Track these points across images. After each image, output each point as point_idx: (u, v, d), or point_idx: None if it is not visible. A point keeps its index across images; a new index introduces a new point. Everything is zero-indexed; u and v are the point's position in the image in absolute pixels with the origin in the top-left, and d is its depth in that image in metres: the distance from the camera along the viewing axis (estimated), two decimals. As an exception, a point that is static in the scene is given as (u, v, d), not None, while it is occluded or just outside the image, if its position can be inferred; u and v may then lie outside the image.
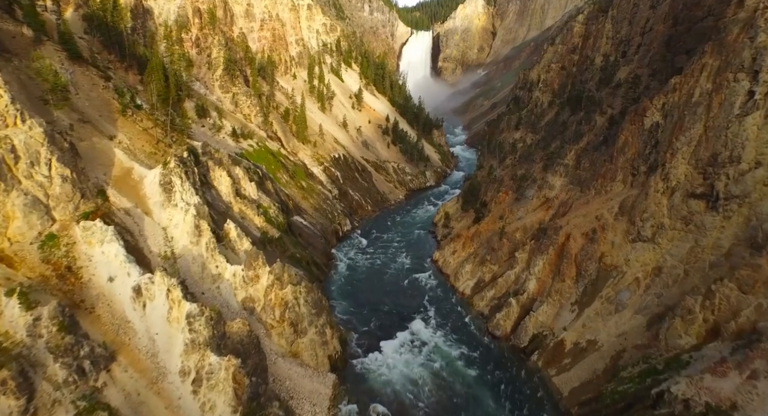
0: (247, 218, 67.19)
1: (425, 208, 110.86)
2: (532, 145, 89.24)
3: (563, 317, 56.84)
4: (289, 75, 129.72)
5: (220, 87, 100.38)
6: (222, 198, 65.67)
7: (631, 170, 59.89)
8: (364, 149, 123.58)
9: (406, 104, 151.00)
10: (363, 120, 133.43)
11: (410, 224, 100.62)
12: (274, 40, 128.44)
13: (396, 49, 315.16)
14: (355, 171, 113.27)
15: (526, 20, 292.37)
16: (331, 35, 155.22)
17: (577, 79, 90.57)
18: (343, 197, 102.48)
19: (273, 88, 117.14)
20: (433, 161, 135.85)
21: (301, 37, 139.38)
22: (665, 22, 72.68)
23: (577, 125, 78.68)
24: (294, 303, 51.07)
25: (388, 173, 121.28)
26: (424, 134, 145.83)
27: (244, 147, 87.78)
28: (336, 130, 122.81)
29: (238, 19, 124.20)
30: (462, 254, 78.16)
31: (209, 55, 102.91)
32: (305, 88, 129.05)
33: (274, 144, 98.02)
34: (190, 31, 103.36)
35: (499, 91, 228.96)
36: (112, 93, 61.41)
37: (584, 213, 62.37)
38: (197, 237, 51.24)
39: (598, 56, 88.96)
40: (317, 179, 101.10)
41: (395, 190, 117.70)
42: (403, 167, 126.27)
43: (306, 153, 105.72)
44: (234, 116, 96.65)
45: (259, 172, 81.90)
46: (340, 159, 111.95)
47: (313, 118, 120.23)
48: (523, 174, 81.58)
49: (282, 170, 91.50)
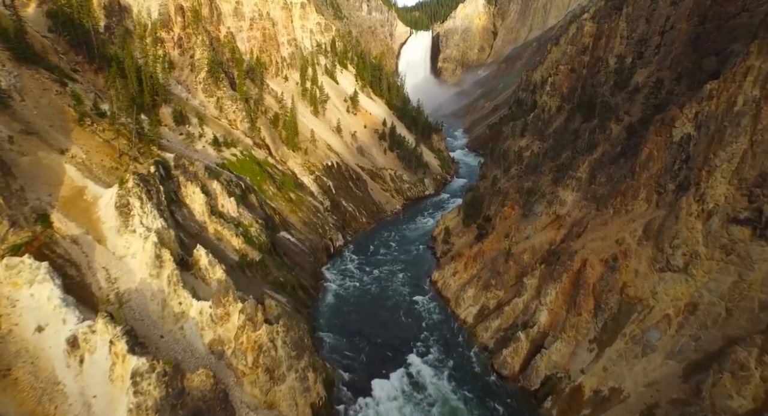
0: (224, 239, 59.91)
1: (424, 219, 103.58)
2: (539, 154, 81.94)
3: (580, 357, 49.56)
4: (280, 77, 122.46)
5: (204, 91, 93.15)
6: (195, 218, 58.44)
7: (656, 187, 52.59)
8: (359, 156, 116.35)
9: (404, 107, 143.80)
10: (358, 125, 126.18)
11: (407, 238, 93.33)
12: (265, 40, 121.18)
13: (395, 50, 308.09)
14: (349, 180, 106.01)
15: (527, 20, 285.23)
16: (326, 35, 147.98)
17: (588, 83, 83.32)
18: (336, 209, 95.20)
19: (262, 91, 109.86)
20: (432, 167, 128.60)
21: (294, 37, 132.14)
22: (689, 20, 65.36)
23: (590, 133, 71.37)
24: (270, 346, 43.80)
25: (384, 182, 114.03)
26: (422, 138, 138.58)
27: (226, 157, 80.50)
28: (329, 135, 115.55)
29: (226, 18, 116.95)
30: (464, 276, 70.90)
31: (192, 57, 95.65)
32: (297, 91, 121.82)
33: (261, 152, 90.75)
34: (172, 30, 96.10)
35: (500, 92, 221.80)
36: (68, 99, 54.11)
37: (602, 236, 55.06)
38: (158, 269, 44.00)
39: (611, 57, 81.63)
40: (307, 189, 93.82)
41: (392, 199, 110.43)
42: (401, 174, 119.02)
43: (296, 161, 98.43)
44: (218, 123, 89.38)
45: (242, 185, 74.69)
46: (333, 167, 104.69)
47: (305, 123, 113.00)
48: (530, 187, 74.28)
49: (269, 181, 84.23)
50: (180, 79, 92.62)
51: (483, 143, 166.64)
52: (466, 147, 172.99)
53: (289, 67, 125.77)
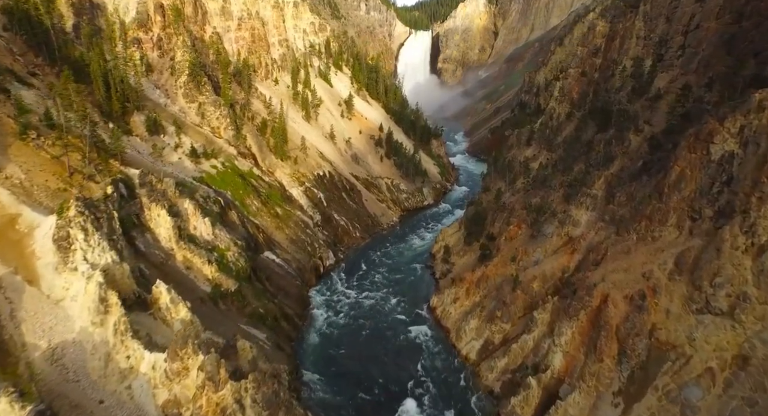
0: (194, 267, 52.55)
1: (422, 233, 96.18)
2: (548, 166, 74.56)
3: (603, 412, 42.20)
4: (270, 80, 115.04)
5: (185, 96, 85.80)
6: (160, 244, 51.09)
7: (689, 212, 45.20)
8: (354, 164, 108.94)
9: (402, 111, 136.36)
10: (353, 130, 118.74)
11: (404, 255, 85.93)
12: (254, 41, 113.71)
13: (394, 50, 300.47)
14: (342, 191, 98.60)
15: (529, 19, 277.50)
16: (320, 35, 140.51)
17: (600, 88, 75.90)
18: (327, 224, 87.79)
19: (250, 95, 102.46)
20: (431, 175, 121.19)
21: (285, 38, 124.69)
22: (719, 18, 57.92)
23: (605, 144, 63.95)
24: (236, 409, 36.48)
25: (380, 192, 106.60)
26: (421, 144, 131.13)
27: (205, 169, 73.12)
28: (322, 142, 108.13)
29: (212, 18, 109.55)
30: (465, 303, 63.53)
31: (173, 59, 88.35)
32: (288, 94, 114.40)
33: (245, 163, 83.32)
34: (151, 30, 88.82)
35: (502, 94, 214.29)
36: (9, 109, 46.78)
37: (625, 267, 47.68)
38: (102, 315, 36.65)
39: (626, 60, 74.17)
40: (296, 203, 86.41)
41: (388, 211, 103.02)
42: (398, 183, 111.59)
43: (284, 172, 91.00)
44: (199, 131, 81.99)
45: (221, 201, 67.33)
46: (324, 177, 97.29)
47: (296, 129, 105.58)
48: (538, 204, 66.88)
49: (253, 195, 76.86)
50: (158, 84, 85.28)
51: (484, 148, 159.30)
52: (467, 152, 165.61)
53: (280, 69, 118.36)
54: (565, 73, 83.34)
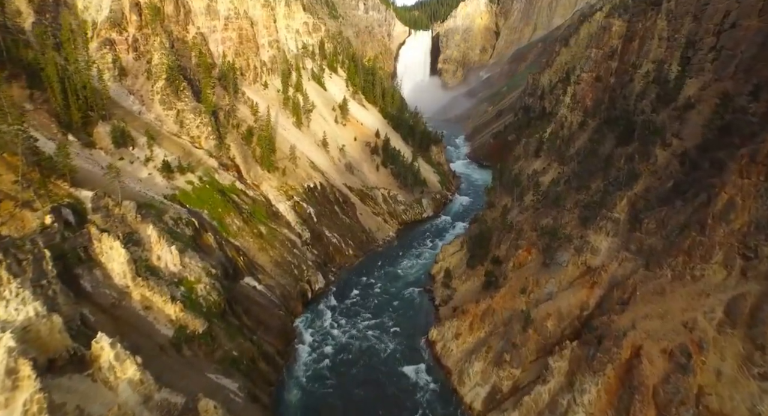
0: (155, 307, 44.84)
1: (421, 250, 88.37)
2: (559, 181, 66.78)
3: None
4: (258, 84, 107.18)
5: (162, 102, 78.08)
6: (113, 282, 43.36)
7: (741, 249, 37.44)
8: (348, 174, 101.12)
9: (400, 116, 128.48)
10: (348, 137, 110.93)
11: (401, 276, 78.15)
12: (242, 42, 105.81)
13: (393, 50, 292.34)
14: (335, 204, 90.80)
15: (531, 19, 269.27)
16: (314, 36, 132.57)
17: (618, 94, 68.02)
18: (317, 242, 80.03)
19: (236, 101, 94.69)
20: (431, 184, 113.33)
21: (276, 39, 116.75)
22: (762, 15, 50.06)
23: (627, 160, 56.12)
24: None
25: (376, 204, 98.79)
26: (420, 150, 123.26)
27: (179, 186, 65.38)
28: (313, 151, 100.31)
29: (196, 17, 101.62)
30: (469, 340, 55.79)
31: (149, 62, 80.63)
32: (278, 99, 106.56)
33: (227, 176, 75.51)
34: (126, 30, 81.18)
35: (504, 96, 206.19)
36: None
37: (660, 312, 39.88)
38: (9, 392, 28.93)
39: (646, 63, 66.27)
40: (283, 219, 78.66)
41: (384, 225, 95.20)
42: (395, 194, 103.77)
43: (271, 184, 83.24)
44: (175, 141, 74.21)
45: (195, 222, 59.59)
46: (315, 189, 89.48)
47: (286, 136, 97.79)
48: (551, 226, 59.08)
49: (233, 213, 69.10)
50: (132, 89, 77.55)
51: (487, 154, 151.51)
52: (468, 157, 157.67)
53: (270, 72, 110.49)
54: (577, 78, 75.51)
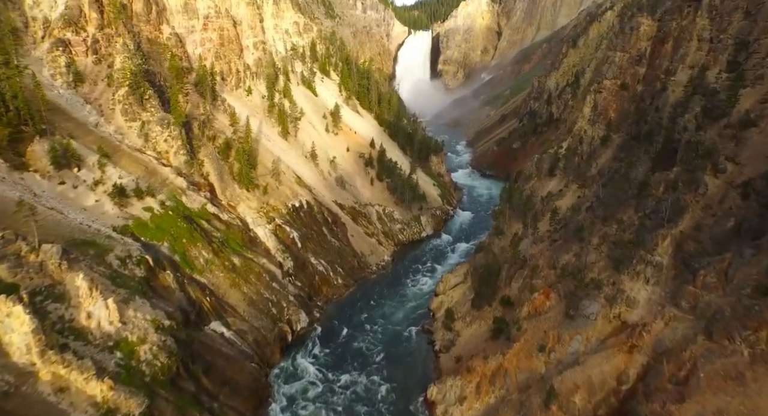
0: (72, 389, 34.90)
1: (419, 278, 78.57)
2: (580, 207, 56.82)
3: None
4: (241, 90, 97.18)
5: (124, 112, 68.17)
6: (11, 360, 33.43)
7: None
8: (339, 190, 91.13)
9: (397, 123, 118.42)
10: (340, 147, 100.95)
11: (396, 312, 68.35)
12: (223, 43, 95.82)
13: (392, 51, 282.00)
14: (323, 225, 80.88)
15: (535, 19, 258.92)
16: (305, 37, 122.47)
17: (648, 106, 58.11)
18: (301, 272, 70.22)
19: (214, 109, 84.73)
20: (430, 198, 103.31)
21: (263, 40, 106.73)
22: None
23: (667, 187, 46.18)
24: None
25: (370, 223, 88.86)
26: (419, 161, 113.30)
27: (135, 213, 55.43)
28: (301, 164, 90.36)
29: (172, 16, 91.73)
30: (475, 406, 45.94)
31: (111, 66, 70.75)
32: (263, 106, 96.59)
33: (197, 198, 65.49)
34: (84, 29, 71.27)
35: (508, 99, 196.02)
36: None
37: (743, 410, 29.90)
38: None
39: (682, 69, 56.29)
40: (261, 246, 68.81)
41: (379, 247, 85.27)
42: (391, 211, 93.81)
43: (250, 205, 73.35)
44: (137, 158, 64.22)
45: (149, 260, 49.70)
46: (301, 209, 79.57)
47: (270, 148, 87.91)
48: (573, 265, 49.24)
49: (201, 243, 59.15)
50: (90, 98, 67.63)
51: (490, 163, 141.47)
52: (470, 166, 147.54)
53: (255, 76, 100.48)
54: (597, 86, 65.45)
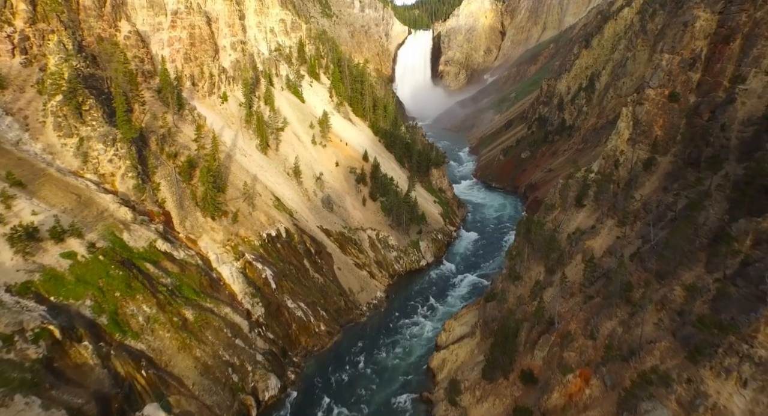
0: None
1: (417, 320, 65.74)
2: (621, 252, 43.81)
3: None
4: (215, 96, 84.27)
5: (57, 127, 55.49)
6: None
7: None
8: (326, 212, 78.30)
9: (393, 132, 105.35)
10: (328, 162, 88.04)
11: (389, 368, 55.56)
12: (194, 43, 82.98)
13: (391, 52, 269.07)
14: (305, 257, 68.00)
15: (541, 18, 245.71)
16: (292, 36, 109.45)
17: (709, 122, 45.21)
18: (274, 320, 57.40)
19: (179, 120, 71.98)
20: (431, 218, 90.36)
21: (242, 40, 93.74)
22: None
23: (758, 240, 33.22)
24: None
25: (360, 251, 76.01)
26: (418, 174, 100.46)
27: (47, 263, 42.58)
28: (281, 183, 77.52)
29: (135, 11, 79.05)
30: None
31: (43, 69, 57.95)
32: (240, 115, 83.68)
33: (143, 234, 52.67)
34: (11, 24, 58.39)
35: (513, 103, 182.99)
36: None
37: None
38: None
39: (754, 74, 43.32)
40: (225, 291, 55.96)
41: (371, 281, 72.45)
42: (386, 236, 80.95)
43: (214, 237, 60.49)
44: (67, 184, 51.40)
45: (56, 331, 36.87)
46: (279, 239, 66.76)
47: (245, 165, 75.13)
48: (621, 338, 36.36)
49: (142, 295, 46.30)
50: (12, 108, 54.85)
51: (496, 174, 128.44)
52: (474, 177, 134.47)
53: (232, 81, 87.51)
54: (639, 95, 52.31)
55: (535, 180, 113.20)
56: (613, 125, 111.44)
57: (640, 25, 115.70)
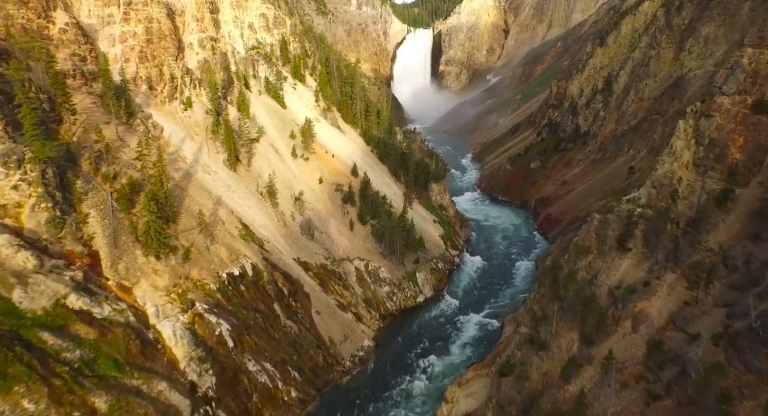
0: None
1: (413, 377, 52.51)
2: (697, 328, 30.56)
3: None
4: (177, 102, 71.03)
5: (-53, 146, 42.15)
6: None
7: None
8: (305, 240, 65.14)
9: (388, 141, 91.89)
10: (310, 178, 74.81)
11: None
12: (151, 39, 69.82)
13: (390, 51, 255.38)
14: (275, 300, 54.83)
15: (546, 15, 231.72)
16: (275, 32, 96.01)
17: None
18: (230, 391, 44.21)
19: (128, 131, 58.75)
20: (430, 243, 77.11)
21: (213, 36, 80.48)
22: None
23: None
24: None
25: (345, 288, 62.79)
26: (416, 189, 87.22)
27: None
28: (252, 206, 64.33)
29: (80, 1, 65.86)
30: None
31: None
32: (205, 125, 70.48)
33: (49, 286, 39.43)
34: None
35: (519, 105, 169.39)
36: None
37: None
38: None
39: None
40: (162, 357, 42.78)
41: (357, 326, 59.26)
42: (377, 267, 67.77)
43: (156, 283, 47.31)
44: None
45: None
46: (243, 279, 53.58)
47: (208, 185, 61.97)
48: None
49: (26, 384, 33.07)
50: None
51: (503, 185, 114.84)
52: (478, 188, 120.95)
53: (199, 84, 74.28)
54: (705, 105, 38.99)
55: (547, 194, 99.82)
56: (636, 133, 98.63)
57: (665, 19, 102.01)
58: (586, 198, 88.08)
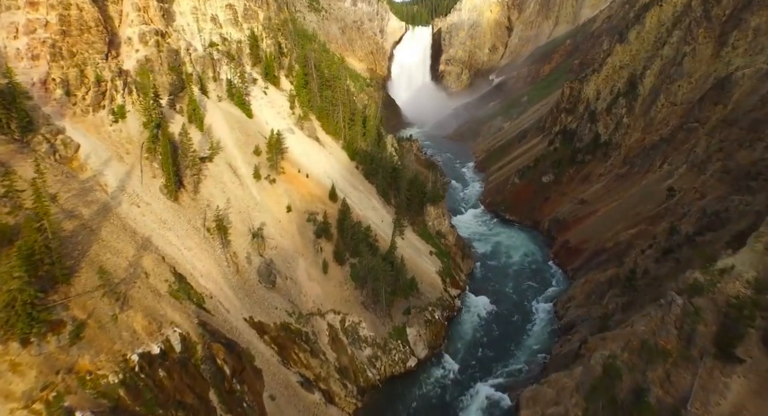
0: None
1: None
2: None
3: None
4: (105, 111, 55.44)
5: None
6: None
7: None
8: (263, 290, 49.64)
9: (376, 154, 76.07)
10: (276, 205, 59.21)
11: None
12: (68, 31, 54.19)
13: (387, 50, 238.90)
14: (212, 386, 39.40)
15: (552, 11, 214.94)
16: (245, 27, 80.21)
17: None
18: None
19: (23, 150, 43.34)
20: (425, 284, 61.49)
21: (159, 29, 64.78)
22: None
23: None
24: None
25: (313, 355, 47.31)
26: (409, 213, 71.68)
27: None
28: (192, 248, 48.80)
29: (-27, -15, 50.36)
30: None
31: None
32: (139, 142, 54.89)
33: None
34: None
35: (525, 108, 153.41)
36: None
37: None
38: None
39: None
40: None
41: (327, 410, 43.70)
42: (356, 321, 52.27)
43: (13, 388, 31.79)
44: None
45: None
46: (166, 358, 38.13)
47: (134, 222, 46.63)
48: None
49: None
50: None
51: (511, 203, 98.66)
52: (482, 204, 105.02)
53: (136, 89, 58.62)
54: None
55: (563, 215, 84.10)
56: (669, 144, 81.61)
57: (702, 10, 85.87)
58: (613, 224, 72.43)
